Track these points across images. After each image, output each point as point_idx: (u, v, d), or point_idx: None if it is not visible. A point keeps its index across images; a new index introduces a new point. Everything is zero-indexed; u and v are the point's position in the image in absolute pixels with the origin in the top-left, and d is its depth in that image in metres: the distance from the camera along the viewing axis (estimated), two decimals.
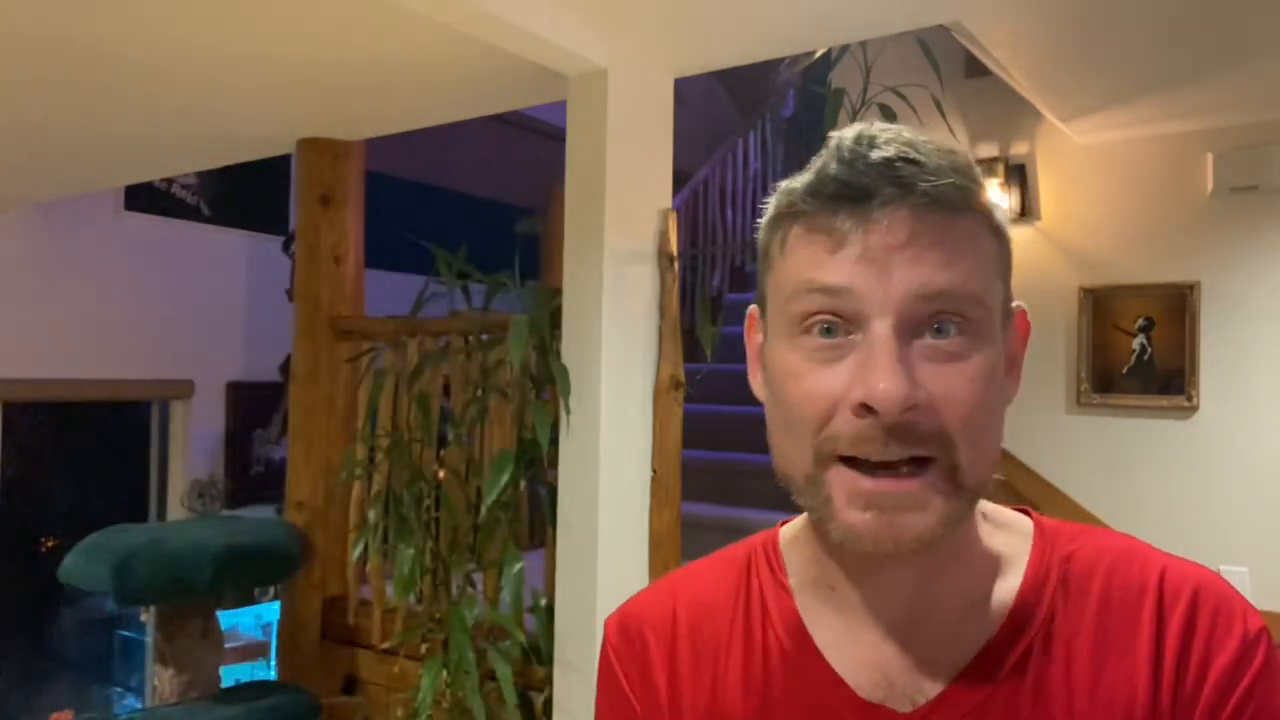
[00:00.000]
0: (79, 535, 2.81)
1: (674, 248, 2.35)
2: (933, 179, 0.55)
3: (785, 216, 0.60)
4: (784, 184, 0.60)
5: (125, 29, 2.20)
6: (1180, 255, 3.43)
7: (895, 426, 0.54)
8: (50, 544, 4.78)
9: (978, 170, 0.58)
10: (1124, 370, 3.51)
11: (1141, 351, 3.49)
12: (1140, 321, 3.49)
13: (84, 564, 2.67)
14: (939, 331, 0.55)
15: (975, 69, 3.36)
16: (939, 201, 0.55)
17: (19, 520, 4.60)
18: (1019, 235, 3.66)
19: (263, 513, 4.55)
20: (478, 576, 2.58)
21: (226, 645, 3.16)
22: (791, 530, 0.70)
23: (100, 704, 4.89)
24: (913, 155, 0.55)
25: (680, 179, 3.20)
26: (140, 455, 4.92)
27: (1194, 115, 3.29)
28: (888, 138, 0.56)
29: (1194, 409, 3.39)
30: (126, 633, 4.91)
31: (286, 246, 4.36)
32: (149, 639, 4.55)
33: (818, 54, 3.03)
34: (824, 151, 0.58)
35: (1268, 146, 3.28)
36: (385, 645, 2.74)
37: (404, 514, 2.60)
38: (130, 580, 2.58)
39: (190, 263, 4.76)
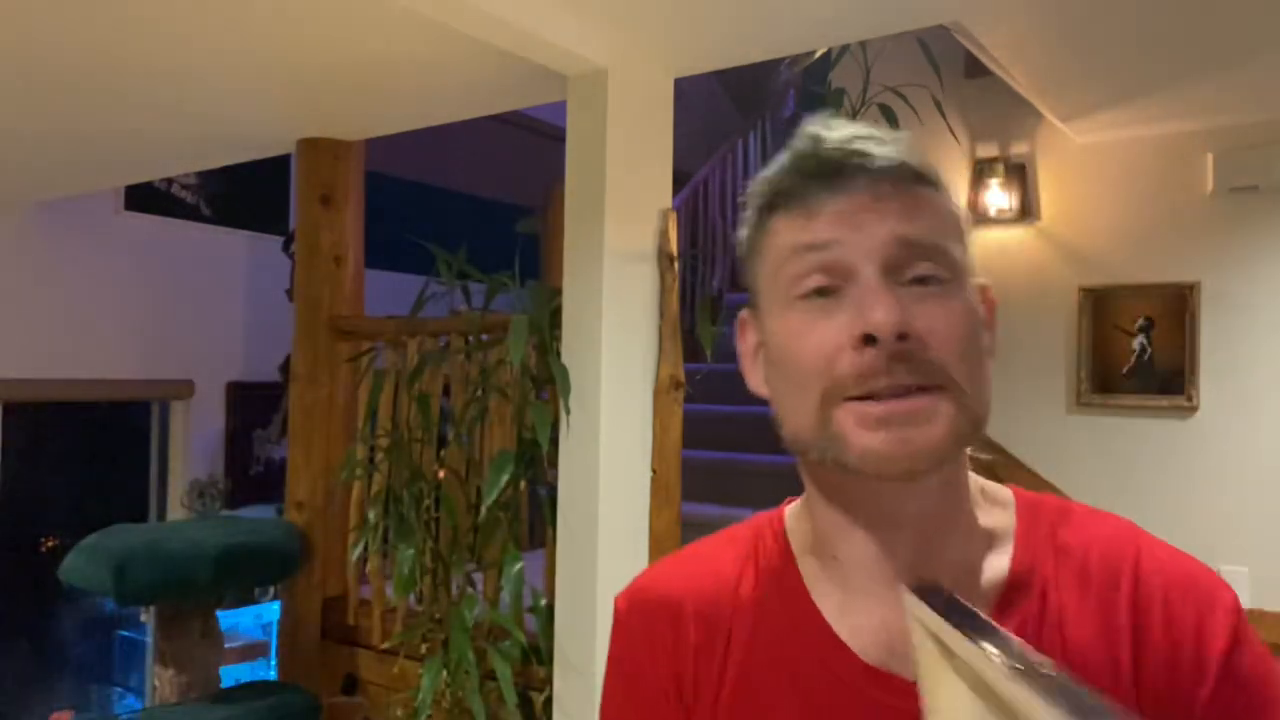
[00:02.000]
0: (79, 535, 2.81)
1: (674, 248, 2.35)
2: (888, 151, 0.62)
3: (766, 207, 0.66)
4: (756, 179, 0.67)
5: (125, 29, 2.20)
6: (1180, 255, 3.43)
7: (896, 353, 0.57)
8: (50, 544, 4.78)
9: (923, 151, 0.65)
10: (1124, 370, 3.51)
11: (1141, 351, 3.49)
12: (1140, 321, 3.49)
13: (84, 564, 2.67)
14: (918, 281, 0.60)
15: (975, 69, 3.36)
16: (896, 172, 0.62)
17: (19, 520, 4.60)
18: (1019, 235, 3.66)
19: (263, 513, 4.54)
20: (478, 576, 2.58)
21: (226, 645, 3.16)
22: (795, 507, 0.74)
23: (100, 704, 4.89)
24: (867, 134, 0.63)
25: (680, 179, 3.20)
26: (140, 455, 4.91)
27: (1194, 115, 3.29)
28: (843, 124, 0.64)
29: (1194, 409, 3.39)
30: (126, 633, 4.91)
31: (286, 246, 4.36)
32: (149, 639, 4.55)
33: (818, 54, 3.03)
34: (789, 144, 0.65)
35: (1268, 146, 3.28)
36: (385, 645, 2.74)
37: (404, 514, 2.60)
38: (130, 580, 2.58)
39: (190, 263, 4.76)
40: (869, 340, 0.58)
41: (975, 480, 0.68)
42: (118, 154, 3.38)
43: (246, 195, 4.89)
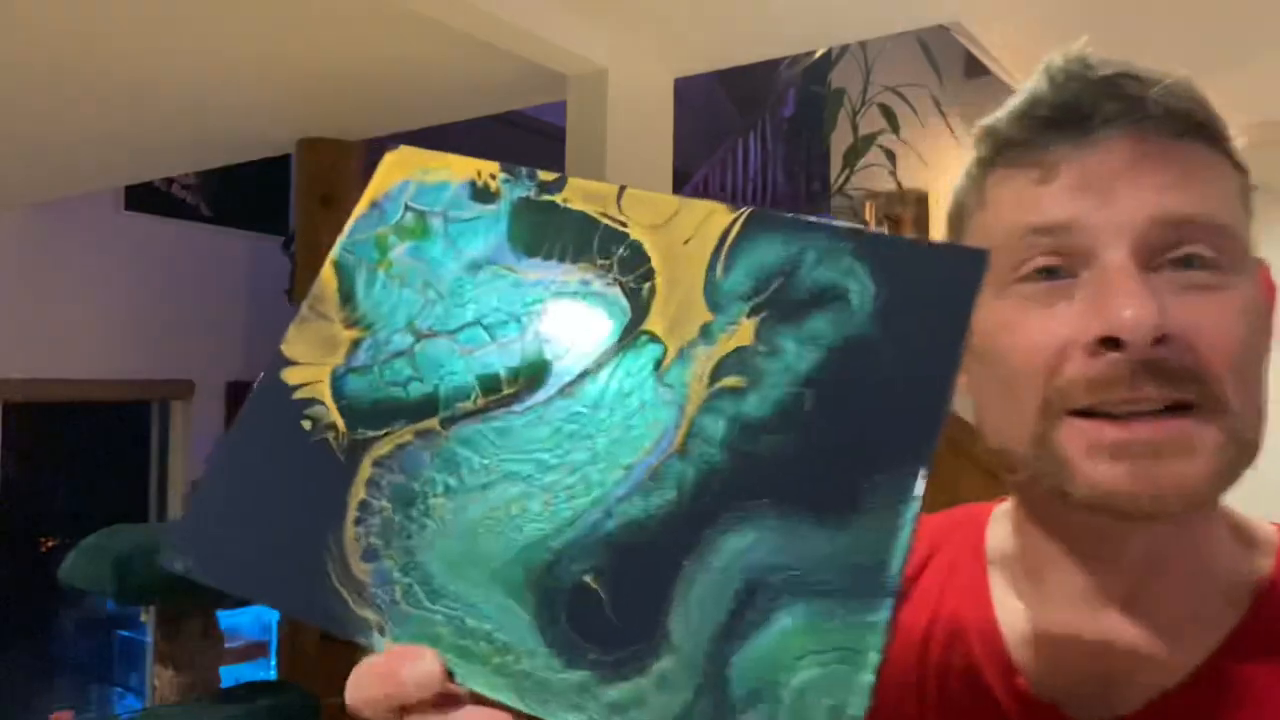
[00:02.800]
0: (79, 535, 2.79)
1: None
2: (1161, 94, 0.47)
3: (986, 162, 0.51)
4: (982, 122, 0.52)
5: (126, 29, 2.20)
6: None
7: (1148, 362, 0.44)
8: (50, 544, 4.78)
9: (1210, 102, 0.49)
10: None
11: None
12: None
13: (84, 564, 2.66)
14: (1184, 264, 0.45)
15: (975, 69, 3.36)
16: (1169, 120, 0.47)
17: (19, 520, 4.61)
18: None
19: None
20: None
21: (226, 645, 3.15)
22: (1003, 508, 0.61)
23: (100, 704, 4.89)
24: (1136, 72, 0.47)
25: (680, 179, 3.20)
26: (140, 455, 4.92)
27: None
28: (1104, 58, 0.48)
29: None
30: (126, 633, 4.91)
31: (286, 246, 4.36)
32: (149, 639, 4.55)
33: (818, 54, 3.04)
34: (1032, 78, 0.50)
35: (1268, 146, 3.28)
36: None
37: None
38: (130, 580, 2.57)
39: (190, 263, 4.76)
40: (1111, 344, 0.44)
41: (1228, 514, 0.54)
42: (118, 154, 3.38)
43: (246, 195, 4.89)
